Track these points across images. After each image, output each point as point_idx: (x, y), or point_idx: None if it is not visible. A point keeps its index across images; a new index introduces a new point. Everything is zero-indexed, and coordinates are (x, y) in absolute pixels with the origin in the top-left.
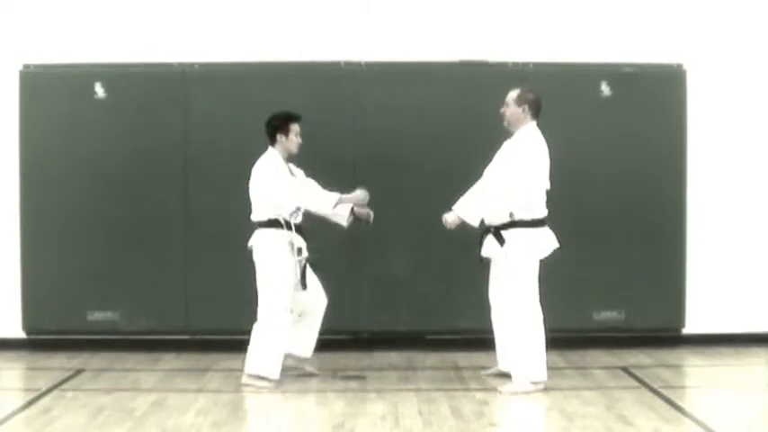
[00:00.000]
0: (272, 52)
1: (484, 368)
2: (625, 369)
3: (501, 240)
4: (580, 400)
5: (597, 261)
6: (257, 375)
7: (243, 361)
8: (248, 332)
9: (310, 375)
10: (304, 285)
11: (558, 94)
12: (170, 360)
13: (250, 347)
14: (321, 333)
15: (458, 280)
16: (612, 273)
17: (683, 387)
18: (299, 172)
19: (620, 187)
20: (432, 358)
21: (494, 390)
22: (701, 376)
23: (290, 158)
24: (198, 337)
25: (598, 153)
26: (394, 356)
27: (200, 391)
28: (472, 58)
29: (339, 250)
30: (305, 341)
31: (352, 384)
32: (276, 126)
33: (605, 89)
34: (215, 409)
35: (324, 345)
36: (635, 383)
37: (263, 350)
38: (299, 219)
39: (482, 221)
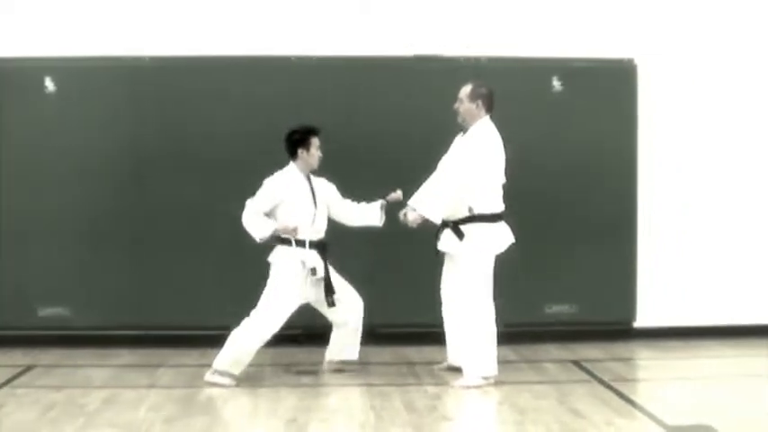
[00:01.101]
0: (223, 46)
1: (437, 363)
2: (577, 363)
3: (460, 235)
4: (532, 393)
5: (549, 255)
6: (225, 372)
7: (195, 357)
8: (200, 327)
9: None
10: (330, 303)
11: (510, 88)
12: (122, 356)
13: (227, 344)
14: None
15: (410, 274)
16: (564, 267)
17: (634, 380)
18: (326, 185)
19: (570, 181)
20: (384, 353)
21: (446, 384)
22: (651, 369)
23: (313, 171)
24: (150, 332)
25: (549, 148)
26: None
27: (152, 386)
28: (425, 53)
29: None
30: (350, 346)
31: (305, 379)
32: (297, 141)
33: (556, 84)
34: (167, 404)
35: (276, 340)
36: (586, 377)
37: (239, 351)
38: (316, 236)
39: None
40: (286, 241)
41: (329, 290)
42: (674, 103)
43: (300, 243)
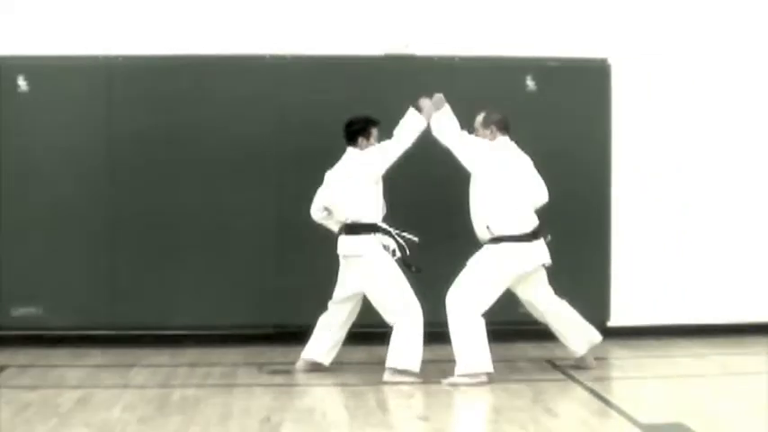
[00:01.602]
0: (196, 45)
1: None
2: (551, 362)
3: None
4: (507, 392)
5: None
6: (403, 370)
7: (169, 356)
8: (172, 327)
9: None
10: (417, 270)
11: (484, 88)
12: (95, 356)
13: (394, 343)
14: (246, 327)
15: None
16: None
17: (608, 379)
18: None
19: (544, 181)
20: (359, 352)
21: (419, 383)
22: (626, 368)
23: None
24: (123, 332)
25: (522, 147)
26: None
27: (126, 386)
28: (398, 52)
29: (266, 243)
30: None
31: (279, 378)
32: (358, 130)
33: (530, 83)
34: (141, 404)
35: (250, 338)
36: (561, 376)
37: (408, 345)
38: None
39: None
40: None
41: (408, 265)
42: (648, 103)
43: (372, 228)
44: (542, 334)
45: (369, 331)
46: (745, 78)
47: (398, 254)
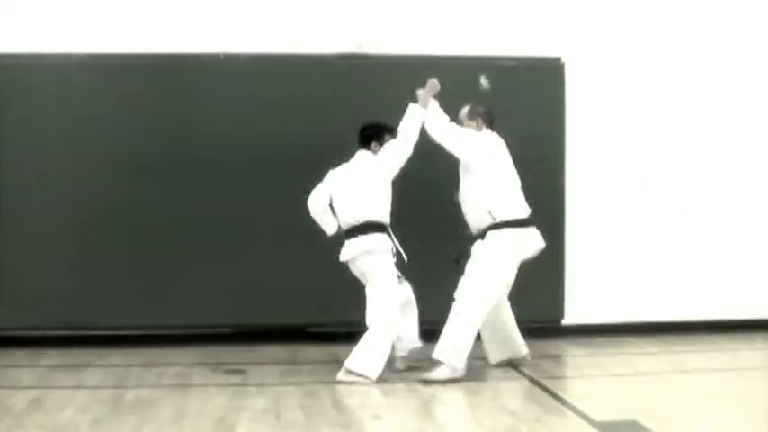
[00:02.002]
0: (156, 42)
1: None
2: (507, 360)
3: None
4: (463, 390)
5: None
6: (359, 374)
7: (123, 357)
8: (129, 327)
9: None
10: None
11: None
12: (49, 356)
13: (361, 345)
14: (202, 326)
15: (339, 272)
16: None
17: (563, 377)
18: None
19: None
20: (313, 351)
21: (375, 382)
22: (580, 366)
23: None
24: (77, 332)
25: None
26: (276, 350)
27: (79, 387)
28: (351, 52)
29: (219, 240)
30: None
31: (234, 378)
32: (373, 134)
33: (484, 82)
34: (95, 405)
35: (204, 338)
36: (516, 374)
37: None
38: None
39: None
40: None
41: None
42: (601, 102)
43: (382, 228)
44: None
45: (323, 331)
46: (696, 76)
47: (395, 259)
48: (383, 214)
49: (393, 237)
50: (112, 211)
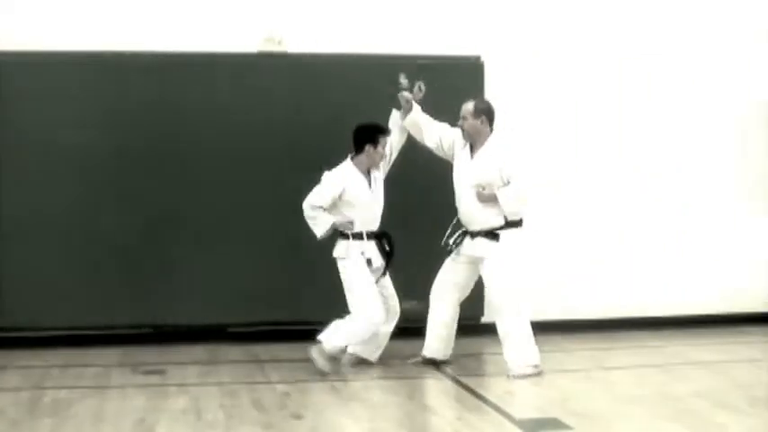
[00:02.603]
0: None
1: (285, 360)
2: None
3: (497, 239)
4: (383, 389)
5: (399, 251)
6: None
7: (42, 358)
8: (47, 328)
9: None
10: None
11: (357, 85)
12: None
13: (339, 322)
14: (120, 327)
15: (259, 271)
16: (413, 263)
17: (483, 375)
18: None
19: (419, 179)
20: (233, 351)
21: (294, 382)
22: (500, 364)
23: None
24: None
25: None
26: (195, 350)
27: None
28: (270, 49)
29: (135, 240)
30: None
31: (153, 379)
32: (366, 138)
33: (404, 81)
34: (12, 407)
35: (124, 339)
36: (437, 373)
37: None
38: (373, 227)
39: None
40: (345, 235)
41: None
42: (520, 100)
43: (359, 235)
44: (416, 331)
45: (243, 331)
46: (612, 75)
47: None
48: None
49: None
50: (38, 214)
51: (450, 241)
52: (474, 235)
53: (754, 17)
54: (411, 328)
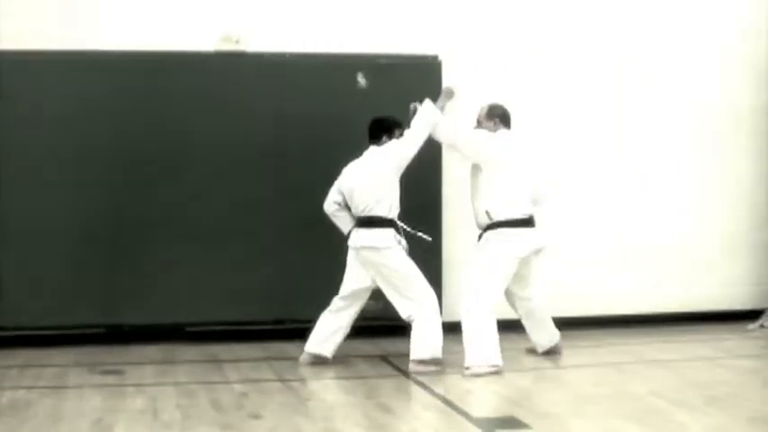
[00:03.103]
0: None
1: (243, 360)
2: (384, 357)
3: (479, 238)
4: (340, 389)
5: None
6: (430, 360)
7: (0, 358)
8: (5, 328)
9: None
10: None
11: (315, 85)
12: None
13: (416, 334)
14: (76, 327)
15: (215, 270)
16: None
17: (441, 374)
18: None
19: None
20: (191, 351)
21: (252, 382)
22: (457, 362)
23: None
24: None
25: (353, 145)
26: (153, 350)
27: None
28: (229, 48)
29: (92, 240)
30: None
31: (110, 379)
32: (385, 128)
33: (362, 80)
34: None
35: (79, 339)
36: (394, 372)
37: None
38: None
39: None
40: (386, 222)
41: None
42: (478, 99)
43: (389, 223)
44: (374, 330)
45: (201, 330)
46: (569, 75)
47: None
48: (390, 209)
49: (400, 231)
50: None
51: None
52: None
53: (754, 17)
54: (368, 327)
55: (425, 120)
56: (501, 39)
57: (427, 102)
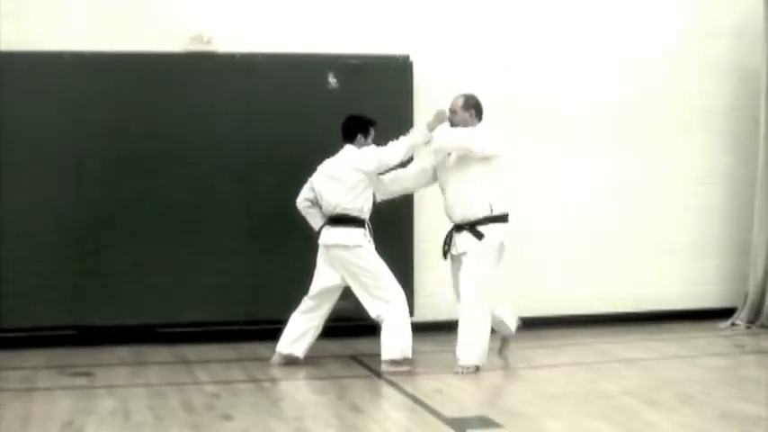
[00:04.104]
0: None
1: (214, 361)
2: (355, 357)
3: (479, 235)
4: (311, 389)
5: None
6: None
7: None
8: None
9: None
10: None
11: (286, 85)
12: None
13: (391, 337)
14: (45, 329)
15: (186, 271)
16: None
17: (413, 373)
18: None
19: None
20: (161, 352)
21: (223, 382)
22: (430, 363)
23: None
24: None
25: (327, 144)
26: (123, 351)
27: None
28: (199, 49)
29: (60, 241)
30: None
31: (81, 381)
32: (359, 128)
33: (332, 80)
34: None
35: (50, 341)
36: (365, 372)
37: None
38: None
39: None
40: (356, 221)
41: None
42: (449, 100)
43: (359, 223)
44: (345, 330)
45: (171, 332)
46: (543, 73)
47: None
48: (362, 209)
49: (371, 230)
50: None
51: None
52: (459, 230)
53: (753, 17)
54: (340, 327)
55: (414, 140)
56: (471, 39)
57: (419, 126)
